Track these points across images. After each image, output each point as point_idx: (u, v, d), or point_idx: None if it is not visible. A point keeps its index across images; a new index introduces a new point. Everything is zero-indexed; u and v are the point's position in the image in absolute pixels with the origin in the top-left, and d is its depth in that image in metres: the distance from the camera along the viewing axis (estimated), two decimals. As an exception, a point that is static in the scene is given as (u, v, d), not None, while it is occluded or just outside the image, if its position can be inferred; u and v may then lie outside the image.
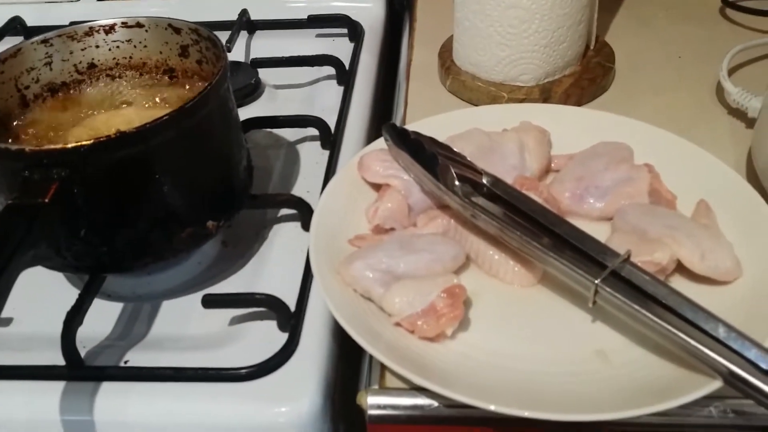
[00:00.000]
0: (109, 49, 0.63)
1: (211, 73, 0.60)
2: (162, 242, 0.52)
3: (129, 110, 0.60)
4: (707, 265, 0.49)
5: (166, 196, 0.51)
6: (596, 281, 0.46)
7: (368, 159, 0.60)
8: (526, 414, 0.42)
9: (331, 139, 0.70)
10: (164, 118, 0.48)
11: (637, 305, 0.45)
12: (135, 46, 0.63)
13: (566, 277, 0.49)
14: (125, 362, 0.52)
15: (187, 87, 0.63)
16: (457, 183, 0.55)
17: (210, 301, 0.52)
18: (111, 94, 0.63)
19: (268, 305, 0.52)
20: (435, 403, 0.47)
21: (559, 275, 0.49)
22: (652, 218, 0.52)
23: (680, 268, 0.51)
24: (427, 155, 0.57)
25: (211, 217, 0.54)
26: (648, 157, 0.60)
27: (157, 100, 0.62)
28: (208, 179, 0.54)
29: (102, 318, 0.56)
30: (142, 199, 0.50)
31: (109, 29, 0.63)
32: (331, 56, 0.80)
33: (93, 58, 0.63)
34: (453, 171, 0.56)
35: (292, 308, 0.53)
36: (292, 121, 0.71)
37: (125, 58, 0.64)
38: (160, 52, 0.63)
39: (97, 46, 0.63)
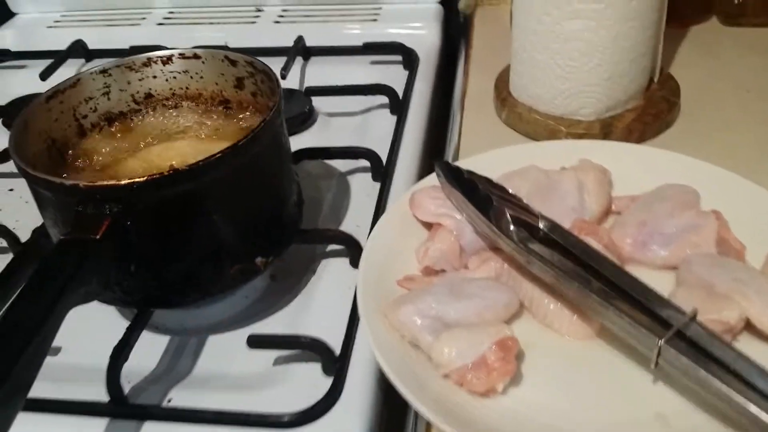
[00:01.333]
0: (166, 80, 0.64)
1: (266, 105, 0.60)
2: (210, 278, 0.52)
3: (183, 143, 0.60)
4: None
5: (216, 232, 0.51)
6: (660, 341, 0.43)
7: (420, 196, 0.59)
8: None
9: (382, 171, 0.69)
10: (217, 155, 0.47)
11: (703, 369, 0.42)
12: (191, 77, 0.64)
13: (626, 335, 0.46)
14: (168, 400, 0.51)
15: (242, 118, 0.63)
16: (512, 227, 0.53)
17: (255, 341, 0.51)
18: (166, 124, 0.63)
19: (313, 348, 0.51)
20: (485, 462, 0.44)
21: (619, 332, 0.47)
22: (719, 270, 0.49)
23: (750, 327, 0.48)
24: (481, 195, 0.56)
25: (260, 254, 0.53)
26: (715, 202, 0.57)
27: (212, 131, 0.62)
28: (258, 215, 0.54)
29: (148, 351, 0.56)
30: (192, 235, 0.50)
31: (167, 60, 0.63)
32: (384, 85, 0.80)
33: (150, 89, 0.64)
34: (508, 214, 0.54)
35: (338, 351, 0.51)
36: (343, 152, 0.70)
37: (182, 88, 0.64)
38: (216, 84, 0.63)
39: (155, 77, 0.64)
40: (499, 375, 0.46)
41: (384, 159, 0.71)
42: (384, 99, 0.81)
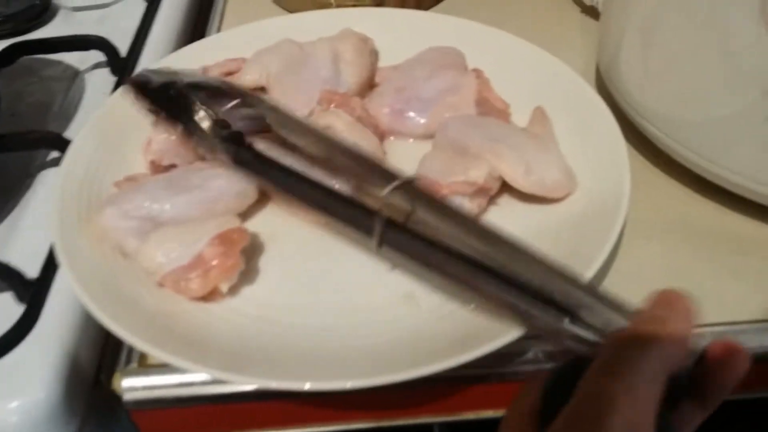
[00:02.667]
0: None
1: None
2: None
3: None
4: (532, 180, 0.41)
5: None
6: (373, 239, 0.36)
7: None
8: (318, 386, 0.33)
9: (119, 65, 0.58)
10: None
11: (421, 256, 0.35)
12: None
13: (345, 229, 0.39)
14: None
15: None
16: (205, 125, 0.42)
17: None
18: None
19: (-5, 274, 0.41)
20: (208, 378, 0.37)
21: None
22: (474, 131, 0.43)
23: (510, 188, 0.43)
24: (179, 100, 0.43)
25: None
26: (483, 62, 0.51)
27: None
28: None
29: None
30: None
31: None
32: (130, -35, 0.67)
33: None
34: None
35: (35, 274, 0.42)
36: (70, 43, 0.58)
37: None
38: None
39: None
40: (219, 273, 0.38)
41: (126, 49, 0.59)
42: (136, -16, 0.68)
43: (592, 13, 0.60)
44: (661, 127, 0.44)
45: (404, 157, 0.47)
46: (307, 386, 0.33)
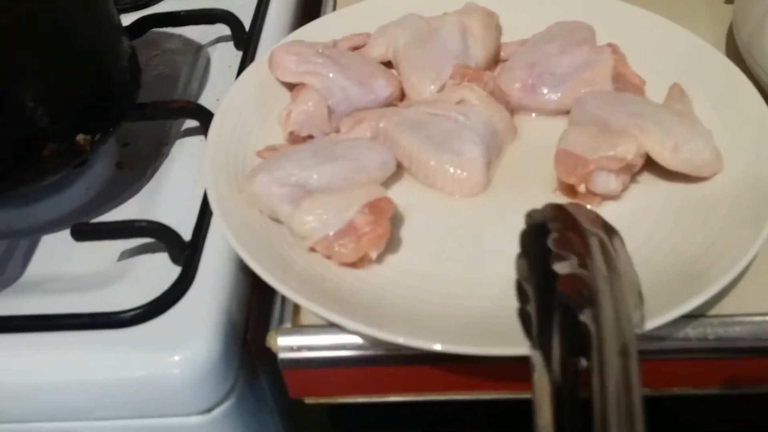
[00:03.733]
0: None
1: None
2: (17, 163, 0.42)
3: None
4: (681, 158, 0.40)
5: (11, 101, 0.41)
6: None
7: (279, 54, 0.50)
8: (472, 351, 0.35)
9: (245, 38, 0.59)
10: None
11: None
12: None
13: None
14: (-13, 311, 0.42)
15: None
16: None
17: (81, 232, 0.43)
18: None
19: (154, 234, 0.43)
20: (359, 341, 0.39)
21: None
22: (615, 107, 0.43)
23: (651, 164, 0.43)
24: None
25: (81, 129, 0.44)
26: (613, 37, 0.51)
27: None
28: (70, 80, 0.43)
29: (-32, 259, 0.47)
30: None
31: None
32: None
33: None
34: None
35: (188, 237, 0.44)
36: (197, 16, 0.60)
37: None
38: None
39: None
40: (369, 241, 0.39)
41: (247, 24, 0.61)
42: (250, -42, 0.70)
43: (718, -12, 0.59)
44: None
45: (536, 133, 0.48)
46: (437, 347, 0.34)
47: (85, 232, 0.43)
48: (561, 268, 0.27)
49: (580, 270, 0.27)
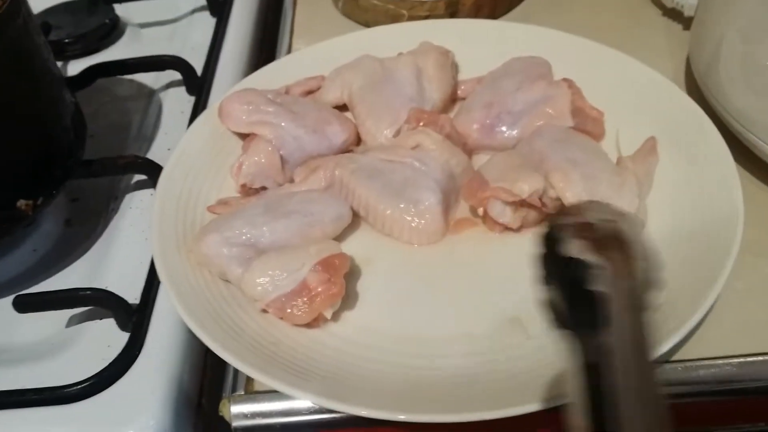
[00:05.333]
0: None
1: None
2: (-46, 233, 0.40)
3: None
4: None
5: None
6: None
7: (229, 104, 0.48)
8: (440, 419, 0.33)
9: (197, 83, 0.58)
10: None
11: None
12: None
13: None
14: None
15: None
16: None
17: (23, 303, 0.41)
18: None
19: (99, 302, 0.41)
20: (314, 406, 0.37)
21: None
22: (561, 146, 0.42)
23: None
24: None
25: (22, 195, 0.42)
26: (569, 71, 0.50)
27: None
28: (7, 147, 0.42)
29: None
30: None
31: None
32: (198, -17, 0.67)
33: None
34: None
35: (136, 300, 0.42)
36: (147, 63, 0.58)
37: None
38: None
39: None
40: (323, 300, 0.38)
41: (200, 68, 0.60)
42: (202, 1, 0.68)
43: (675, 15, 0.58)
44: None
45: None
46: (402, 417, 0.33)
47: (28, 303, 0.41)
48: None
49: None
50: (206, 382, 0.42)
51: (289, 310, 0.38)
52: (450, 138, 0.46)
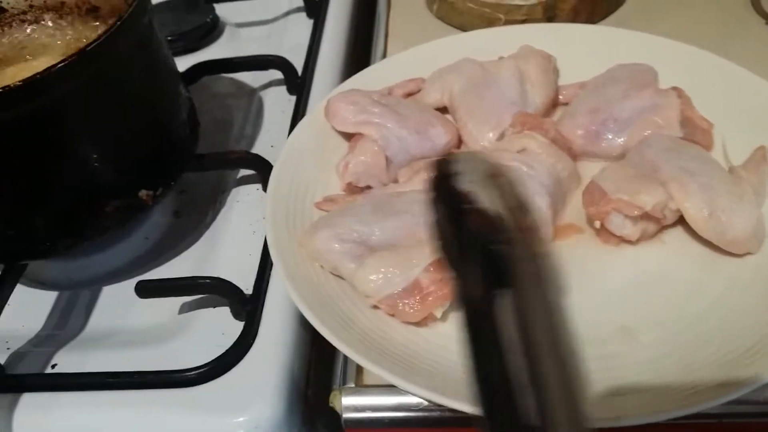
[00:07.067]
0: (20, -11, 0.52)
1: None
2: (83, 220, 0.43)
3: (41, 61, 0.49)
4: (712, 226, 0.39)
5: (82, 160, 0.41)
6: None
7: (336, 103, 0.50)
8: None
9: (298, 83, 0.60)
10: (59, 65, 0.37)
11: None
12: (50, -17, 0.53)
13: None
14: (53, 366, 0.43)
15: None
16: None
17: (145, 289, 0.43)
18: (23, 43, 0.52)
19: (216, 290, 0.43)
20: (424, 402, 0.38)
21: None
22: (672, 155, 0.42)
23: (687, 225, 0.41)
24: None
25: (143, 185, 0.44)
26: (675, 79, 0.49)
27: (80, 45, 0.52)
28: (134, 139, 0.44)
29: (32, 310, 0.47)
30: (50, 168, 0.41)
31: (16, -36, 0.52)
32: (297, -16, 0.69)
33: (0, 2, 0.53)
34: None
35: (249, 291, 0.43)
36: (250, 63, 0.60)
37: (40, -2, 0.53)
38: (81, -12, 0.52)
39: (5, -13, 0.52)
40: (435, 300, 0.38)
41: (299, 68, 0.61)
42: (299, 1, 0.70)
43: (781, 24, 0.57)
44: None
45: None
46: None
47: (149, 289, 0.43)
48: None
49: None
50: (312, 374, 0.44)
51: (400, 308, 0.39)
52: (555, 142, 0.46)
